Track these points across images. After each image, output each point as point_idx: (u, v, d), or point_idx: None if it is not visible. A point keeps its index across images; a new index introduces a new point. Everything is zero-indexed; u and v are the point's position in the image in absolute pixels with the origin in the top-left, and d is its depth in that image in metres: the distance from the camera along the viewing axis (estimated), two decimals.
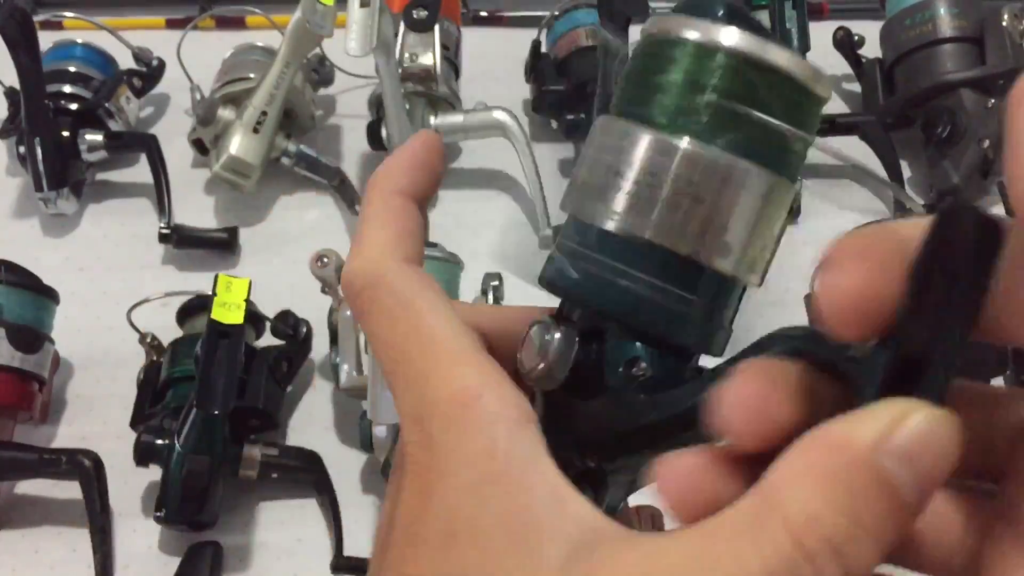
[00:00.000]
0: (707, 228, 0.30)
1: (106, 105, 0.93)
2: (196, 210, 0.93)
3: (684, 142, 0.29)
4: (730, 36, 0.29)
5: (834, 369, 0.24)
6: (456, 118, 0.92)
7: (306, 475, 0.74)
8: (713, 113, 0.29)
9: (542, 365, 0.30)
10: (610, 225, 0.30)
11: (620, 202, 0.30)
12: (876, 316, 0.21)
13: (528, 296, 0.84)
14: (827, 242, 0.23)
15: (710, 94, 0.29)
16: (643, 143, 0.30)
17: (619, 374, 0.31)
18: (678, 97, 0.30)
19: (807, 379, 0.24)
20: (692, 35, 0.30)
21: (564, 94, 0.94)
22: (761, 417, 0.23)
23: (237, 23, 1.10)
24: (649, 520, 0.71)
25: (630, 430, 0.30)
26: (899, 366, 0.22)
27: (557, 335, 0.31)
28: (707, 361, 0.31)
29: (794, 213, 0.86)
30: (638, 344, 0.31)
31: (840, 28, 1.01)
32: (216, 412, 0.65)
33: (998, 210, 0.93)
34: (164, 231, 0.88)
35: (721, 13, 0.30)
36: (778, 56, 0.29)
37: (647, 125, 0.30)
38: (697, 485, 0.24)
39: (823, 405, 0.23)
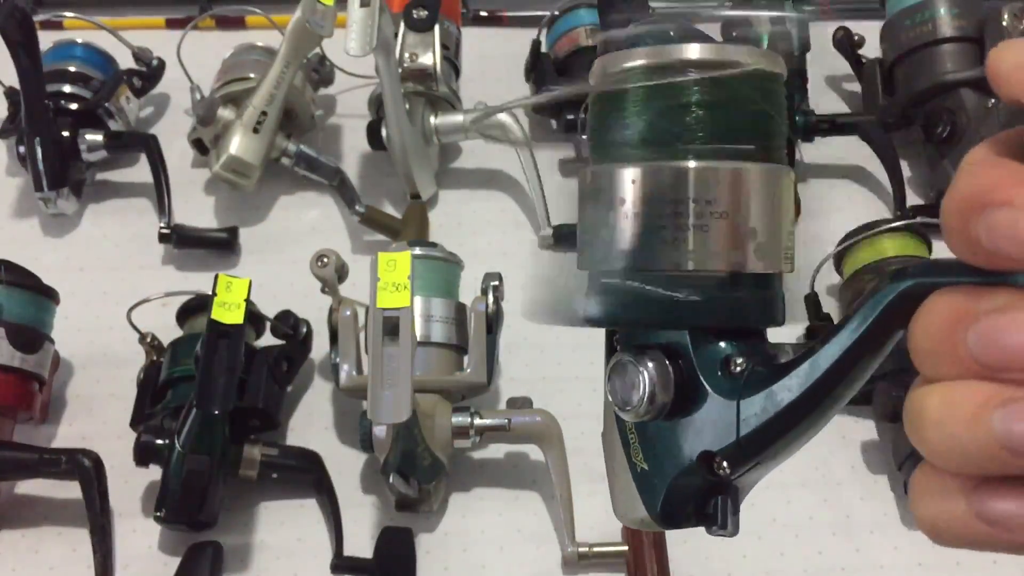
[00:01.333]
0: (734, 239, 0.30)
1: (106, 105, 0.93)
2: (196, 210, 0.93)
3: (691, 164, 0.30)
4: (692, 51, 0.30)
5: None
6: (456, 118, 0.92)
7: (306, 475, 0.74)
8: (701, 127, 0.30)
9: (647, 395, 0.31)
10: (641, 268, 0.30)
11: (652, 245, 0.30)
12: None
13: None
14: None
15: (694, 110, 0.30)
16: (649, 176, 0.30)
17: (719, 377, 0.31)
18: (664, 124, 0.30)
19: None
20: (654, 61, 0.30)
21: None
22: None
23: (237, 23, 1.10)
24: (651, 534, 0.70)
25: (764, 423, 0.30)
26: None
27: (649, 363, 0.31)
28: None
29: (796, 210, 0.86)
30: (722, 344, 0.31)
31: (840, 28, 1.01)
32: (216, 412, 0.65)
33: None
34: (164, 231, 0.88)
35: (672, 34, 0.31)
36: (739, 54, 0.30)
37: (641, 161, 0.31)
38: None
39: None
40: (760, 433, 0.30)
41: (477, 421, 0.71)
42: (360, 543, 0.72)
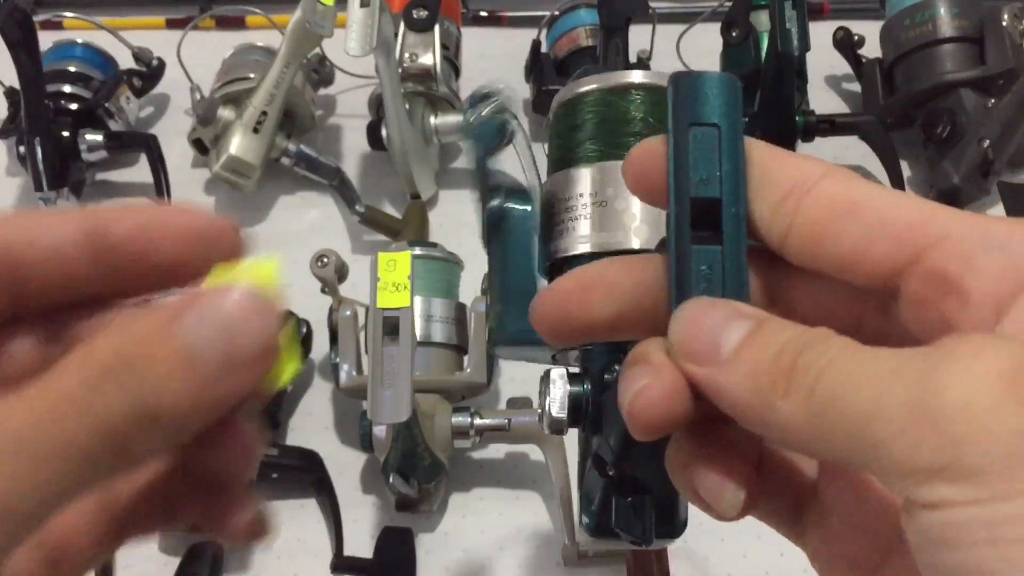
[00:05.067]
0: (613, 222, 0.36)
1: (106, 105, 0.93)
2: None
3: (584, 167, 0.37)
4: (637, 76, 0.37)
5: None
6: (456, 118, 0.92)
7: (306, 475, 0.74)
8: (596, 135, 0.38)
9: (547, 408, 0.35)
10: (584, 248, 0.37)
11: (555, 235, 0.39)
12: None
13: None
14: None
15: (644, 121, 0.36)
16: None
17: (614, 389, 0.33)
18: (619, 129, 0.37)
19: None
20: (611, 84, 0.38)
21: None
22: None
23: (237, 23, 1.10)
24: (652, 557, 0.70)
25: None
26: None
27: (556, 378, 0.36)
28: None
29: None
30: (618, 355, 0.35)
31: (840, 28, 1.01)
32: None
33: (998, 210, 0.93)
34: None
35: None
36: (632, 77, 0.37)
37: (595, 161, 0.38)
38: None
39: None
40: None
41: (477, 421, 0.71)
42: (360, 543, 0.72)
